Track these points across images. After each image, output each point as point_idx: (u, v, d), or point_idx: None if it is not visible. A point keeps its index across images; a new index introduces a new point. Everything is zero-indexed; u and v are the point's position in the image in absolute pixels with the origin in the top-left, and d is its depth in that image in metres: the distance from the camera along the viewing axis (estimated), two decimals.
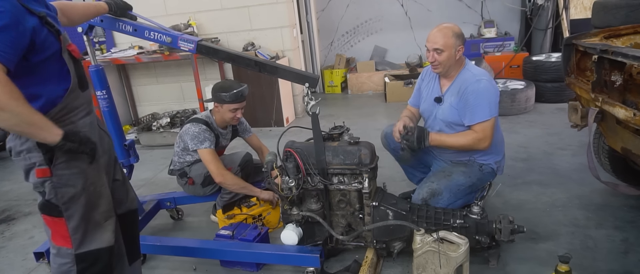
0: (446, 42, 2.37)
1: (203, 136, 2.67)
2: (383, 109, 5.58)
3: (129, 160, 2.66)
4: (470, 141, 2.38)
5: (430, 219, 2.24)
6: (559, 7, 5.62)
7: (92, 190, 1.61)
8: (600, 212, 2.65)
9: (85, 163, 1.58)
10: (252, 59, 2.31)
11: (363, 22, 6.87)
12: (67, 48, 1.55)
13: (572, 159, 3.43)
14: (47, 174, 1.51)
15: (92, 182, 1.61)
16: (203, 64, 5.39)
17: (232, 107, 2.70)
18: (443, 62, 2.41)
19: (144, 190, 3.72)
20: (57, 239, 1.61)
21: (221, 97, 2.67)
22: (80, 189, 1.57)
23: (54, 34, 1.49)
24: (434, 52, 2.40)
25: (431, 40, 2.41)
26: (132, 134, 5.12)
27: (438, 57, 2.40)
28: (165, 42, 2.32)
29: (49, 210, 1.57)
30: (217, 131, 2.83)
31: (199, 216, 3.17)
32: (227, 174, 2.64)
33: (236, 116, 2.76)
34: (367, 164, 2.22)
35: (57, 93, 1.51)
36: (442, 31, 2.39)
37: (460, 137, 2.40)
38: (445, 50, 2.37)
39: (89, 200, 1.60)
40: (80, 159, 1.56)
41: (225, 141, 2.93)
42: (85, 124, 1.61)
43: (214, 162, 2.64)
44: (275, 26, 5.19)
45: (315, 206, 2.32)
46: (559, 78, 4.88)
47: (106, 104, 2.56)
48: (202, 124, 2.72)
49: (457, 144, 2.41)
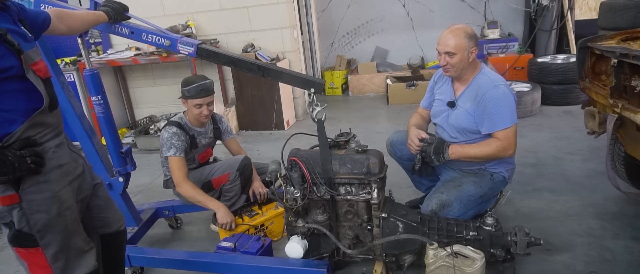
0: (458, 44, 2.27)
1: (170, 143, 2.59)
2: (385, 112, 5.47)
3: (126, 168, 2.54)
4: (495, 150, 2.27)
5: (442, 231, 2.13)
6: (563, 8, 5.53)
7: (68, 215, 1.49)
8: (615, 221, 2.56)
9: (59, 185, 1.46)
10: (255, 63, 2.20)
11: (364, 22, 6.76)
12: (31, 68, 1.41)
13: (583, 165, 3.34)
14: (15, 201, 1.38)
15: (68, 207, 1.49)
16: (201, 65, 5.28)
17: (195, 102, 2.62)
18: (455, 65, 2.30)
19: (141, 197, 3.61)
20: (36, 271, 1.48)
21: (183, 92, 2.63)
22: (55, 215, 1.44)
23: (15, 52, 1.36)
24: (446, 55, 2.30)
25: (442, 42, 2.31)
26: (129, 138, 5.01)
27: (450, 60, 2.30)
28: (163, 45, 2.21)
29: (21, 241, 1.43)
30: (193, 130, 2.72)
31: (199, 224, 3.06)
32: (185, 185, 2.56)
33: (202, 113, 2.65)
34: (376, 173, 2.12)
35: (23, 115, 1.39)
36: (454, 32, 2.29)
37: (484, 147, 2.29)
38: (457, 52, 2.27)
39: (66, 227, 1.48)
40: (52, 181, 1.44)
41: (204, 139, 2.81)
42: (52, 146, 1.48)
43: (176, 170, 2.57)
44: (276, 27, 5.08)
45: (322, 217, 2.22)
46: (566, 80, 4.80)
47: (102, 109, 2.44)
48: (173, 127, 2.64)
49: (481, 155, 2.30)
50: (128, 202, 2.63)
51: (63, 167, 1.51)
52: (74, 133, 2.35)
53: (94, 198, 1.77)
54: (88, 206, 1.72)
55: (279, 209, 2.75)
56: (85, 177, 1.68)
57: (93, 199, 1.76)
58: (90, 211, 1.74)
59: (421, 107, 2.74)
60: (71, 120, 2.33)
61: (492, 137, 2.31)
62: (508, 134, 2.26)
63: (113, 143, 2.50)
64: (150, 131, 4.93)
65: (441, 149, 2.35)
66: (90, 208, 1.74)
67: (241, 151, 3.02)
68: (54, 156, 1.48)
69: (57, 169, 1.48)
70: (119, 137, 2.56)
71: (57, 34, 1.84)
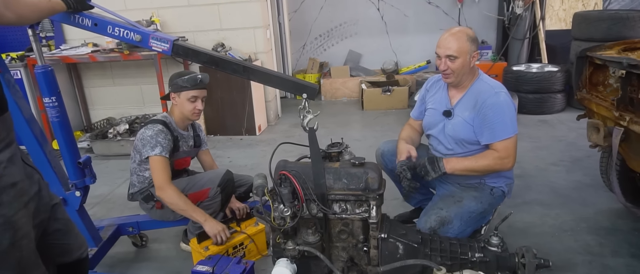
0: (461, 47, 2.10)
1: (155, 141, 2.28)
2: (360, 118, 5.30)
3: (84, 181, 2.21)
4: (492, 162, 2.11)
5: (445, 253, 1.95)
6: (536, 18, 5.57)
7: (24, 245, 1.21)
8: (611, 237, 2.48)
9: (12, 209, 1.18)
10: (240, 63, 1.95)
11: (337, 25, 6.58)
12: None
13: (568, 176, 3.28)
14: None
15: (24, 235, 1.21)
16: (167, 65, 4.91)
17: (191, 94, 2.35)
18: (456, 70, 2.14)
19: (99, 210, 3.23)
20: None
21: (178, 83, 2.35)
22: (7, 246, 1.17)
23: None
24: (446, 59, 2.13)
25: (443, 45, 2.14)
26: (84, 142, 4.57)
27: (451, 65, 2.13)
28: (133, 40, 1.91)
29: None
30: (177, 131, 2.44)
31: (167, 242, 2.74)
32: (169, 189, 2.25)
33: (196, 108, 2.38)
34: (375, 189, 1.91)
35: None
36: (456, 35, 2.12)
37: (480, 160, 2.13)
38: (459, 56, 2.11)
39: (21, 260, 1.20)
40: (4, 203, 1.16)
41: (186, 145, 2.53)
42: (3, 160, 1.20)
43: (160, 171, 2.26)
44: (248, 26, 4.80)
45: (313, 238, 1.98)
46: (541, 89, 4.80)
47: (56, 113, 2.10)
48: (158, 125, 2.34)
49: (478, 167, 2.14)
50: (85, 219, 2.30)
51: (17, 186, 1.22)
52: (22, 140, 2.00)
53: (53, 221, 1.48)
54: (45, 231, 1.43)
55: (259, 225, 2.49)
56: (42, 196, 1.38)
57: (51, 222, 1.47)
58: (48, 237, 1.45)
59: (412, 118, 2.56)
60: (18, 124, 1.96)
61: (489, 149, 2.17)
62: (508, 145, 2.12)
63: (69, 152, 2.16)
64: (108, 134, 4.51)
65: (436, 161, 2.18)
66: (47, 233, 1.44)
67: (214, 165, 2.76)
68: (6, 172, 1.19)
69: (9, 188, 1.19)
70: (76, 145, 2.22)
71: (3, 24, 1.51)
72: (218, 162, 4.16)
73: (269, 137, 4.74)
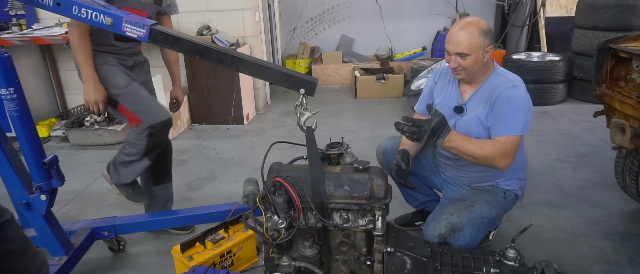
0: (472, 43, 1.87)
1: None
2: (353, 107, 5.07)
3: (51, 183, 1.95)
4: (496, 153, 1.83)
5: (458, 268, 1.75)
6: (536, 4, 5.36)
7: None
8: (626, 243, 2.31)
9: None
10: (228, 53, 1.69)
11: (329, 8, 6.28)
12: None
13: (575, 174, 3.11)
14: None
15: None
16: (147, 49, 4.58)
17: None
18: (468, 67, 1.91)
19: (72, 208, 2.96)
20: None
21: None
22: None
23: None
24: (457, 56, 1.90)
25: (453, 41, 1.90)
26: (59, 130, 4.26)
27: (462, 62, 1.90)
28: (102, 24, 1.64)
29: None
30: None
31: (147, 244, 2.51)
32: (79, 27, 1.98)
33: None
34: (381, 198, 1.69)
35: None
36: (466, 29, 1.88)
37: (486, 146, 1.85)
38: (471, 53, 1.87)
39: None
40: None
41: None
42: None
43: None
44: (236, 8, 4.50)
45: (310, 251, 1.77)
46: (542, 79, 4.62)
47: (15, 106, 1.82)
48: None
49: (479, 154, 1.84)
50: (53, 225, 2.04)
51: None
52: None
53: (3, 242, 1.24)
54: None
55: (248, 231, 2.27)
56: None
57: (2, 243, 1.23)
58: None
59: (416, 112, 2.33)
60: None
61: (495, 140, 1.93)
62: (513, 142, 1.87)
63: (32, 150, 1.89)
64: (85, 122, 4.20)
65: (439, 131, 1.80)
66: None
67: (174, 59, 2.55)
68: None
69: None
70: (40, 142, 1.95)
71: None
72: (203, 154, 3.92)
73: (258, 127, 4.49)
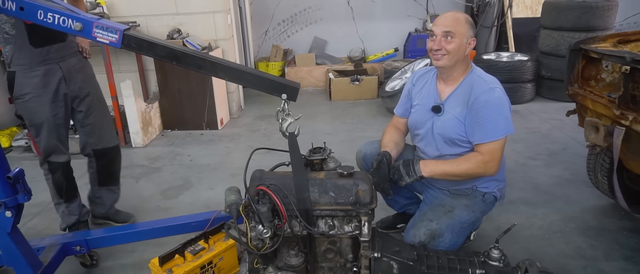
0: (459, 27, 1.92)
1: None
2: (328, 109, 5.05)
3: (16, 198, 1.83)
4: (474, 166, 1.92)
5: (443, 270, 1.75)
6: (504, 5, 5.50)
7: None
8: (601, 238, 2.38)
9: None
10: (206, 58, 1.63)
11: (301, 10, 6.25)
12: None
13: (548, 171, 3.20)
14: None
15: None
16: (116, 53, 4.44)
17: None
18: (451, 51, 1.92)
19: (39, 222, 2.82)
20: None
21: None
22: None
23: None
24: (442, 37, 1.92)
25: (440, 22, 1.95)
26: (22, 140, 4.05)
27: (446, 45, 1.91)
28: (71, 29, 1.55)
29: None
30: None
31: (121, 258, 2.40)
32: None
33: None
34: (367, 203, 1.68)
35: None
36: (456, 15, 1.97)
37: (463, 163, 1.94)
38: (456, 36, 1.91)
39: None
40: None
41: None
42: None
43: None
44: (207, 10, 4.41)
45: (296, 260, 1.73)
46: (511, 79, 4.74)
47: None
48: None
49: (459, 172, 1.94)
50: (20, 244, 1.92)
51: None
52: None
53: None
54: None
55: (229, 240, 2.20)
56: None
57: None
58: None
59: (396, 115, 2.34)
60: None
61: (473, 152, 1.98)
62: (494, 148, 1.93)
63: None
64: None
65: (411, 164, 1.96)
66: None
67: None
68: None
69: None
70: (3, 155, 1.83)
71: None
72: (177, 161, 3.81)
73: (232, 132, 4.41)
